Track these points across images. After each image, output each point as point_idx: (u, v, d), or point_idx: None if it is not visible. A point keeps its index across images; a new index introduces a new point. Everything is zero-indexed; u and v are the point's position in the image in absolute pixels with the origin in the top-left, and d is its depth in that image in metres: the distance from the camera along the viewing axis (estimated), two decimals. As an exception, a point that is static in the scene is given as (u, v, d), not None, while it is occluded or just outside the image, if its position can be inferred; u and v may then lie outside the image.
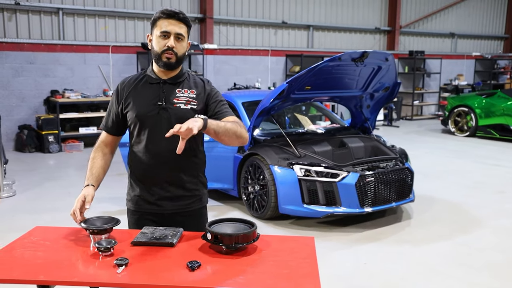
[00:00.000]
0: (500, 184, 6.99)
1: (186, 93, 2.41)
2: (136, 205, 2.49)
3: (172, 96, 2.39)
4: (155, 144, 2.38)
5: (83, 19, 9.73)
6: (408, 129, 12.51)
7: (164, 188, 2.42)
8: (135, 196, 2.49)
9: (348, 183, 4.96)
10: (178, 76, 2.44)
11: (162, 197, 2.43)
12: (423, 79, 14.88)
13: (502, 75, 16.86)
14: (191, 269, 1.89)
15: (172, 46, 2.31)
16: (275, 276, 1.88)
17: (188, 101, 2.39)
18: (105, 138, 2.54)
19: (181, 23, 2.33)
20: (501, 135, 10.61)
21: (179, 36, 2.32)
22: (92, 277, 1.86)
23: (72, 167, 7.84)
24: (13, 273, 1.88)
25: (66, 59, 9.45)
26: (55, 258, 2.03)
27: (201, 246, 2.14)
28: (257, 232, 2.15)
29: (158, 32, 2.31)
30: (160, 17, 2.32)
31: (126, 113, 2.43)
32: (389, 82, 5.86)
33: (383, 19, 14.33)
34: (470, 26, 16.42)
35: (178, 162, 2.37)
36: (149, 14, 10.39)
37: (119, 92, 2.47)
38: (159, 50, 2.32)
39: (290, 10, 12.49)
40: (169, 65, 2.35)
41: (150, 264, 1.96)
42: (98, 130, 9.43)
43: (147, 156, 2.40)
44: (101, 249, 2.03)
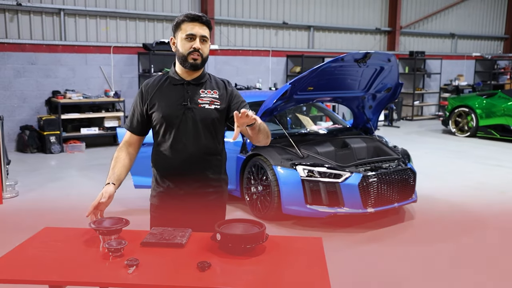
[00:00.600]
0: (501, 184, 7.01)
1: (209, 94, 2.51)
2: (161, 201, 2.57)
3: (196, 96, 2.49)
4: (181, 143, 2.47)
5: (84, 20, 9.74)
6: (408, 129, 12.53)
7: (189, 185, 2.50)
8: (160, 192, 2.57)
9: (351, 183, 4.98)
10: (200, 77, 2.54)
11: (187, 193, 2.51)
12: (423, 80, 14.90)
13: (502, 75, 16.88)
14: (202, 269, 1.91)
15: (199, 47, 2.41)
16: (286, 277, 1.90)
17: (212, 101, 2.50)
18: (129, 138, 2.61)
19: (204, 26, 2.44)
20: (502, 136, 10.63)
21: (203, 38, 2.43)
22: (103, 278, 1.87)
23: (74, 168, 7.85)
24: (26, 273, 1.90)
25: (67, 59, 9.46)
26: (66, 259, 2.04)
27: (210, 247, 2.15)
28: (266, 233, 2.16)
29: (184, 35, 2.42)
30: (184, 21, 2.43)
31: (151, 114, 2.52)
32: (391, 82, 5.87)
33: (384, 20, 14.35)
34: (470, 26, 16.45)
35: (203, 159, 2.50)
36: (150, 15, 10.41)
37: (143, 93, 2.55)
38: (185, 52, 2.43)
39: (290, 11, 12.50)
40: (196, 66, 2.45)
41: (161, 264, 1.98)
42: (100, 130, 9.45)
43: (173, 154, 2.49)
44: (111, 249, 2.04)
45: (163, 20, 10.66)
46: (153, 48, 9.75)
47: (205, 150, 2.50)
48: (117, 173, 2.49)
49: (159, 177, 2.56)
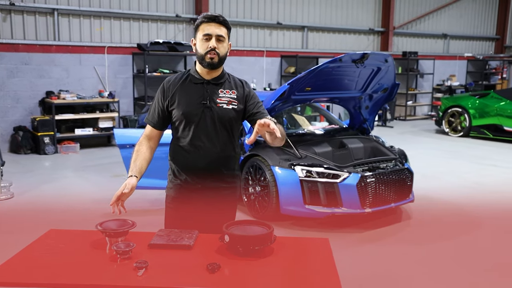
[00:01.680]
0: (497, 184, 7.06)
1: (227, 94, 2.60)
2: (178, 192, 2.65)
3: (215, 96, 2.57)
4: (199, 140, 2.56)
5: (78, 20, 9.68)
6: (402, 129, 12.59)
7: (205, 180, 2.58)
8: (177, 185, 2.65)
9: (349, 183, 4.99)
10: (220, 77, 2.62)
11: (202, 187, 2.60)
12: (416, 80, 14.98)
13: (494, 75, 17.03)
14: (212, 271, 1.91)
15: (214, 46, 2.48)
16: (296, 278, 1.90)
17: (230, 101, 2.58)
18: (150, 132, 2.68)
19: (221, 26, 2.51)
20: (495, 135, 10.71)
21: (219, 38, 2.50)
22: (113, 280, 1.86)
23: (68, 169, 7.80)
24: (35, 276, 1.88)
25: (61, 60, 9.40)
26: (74, 261, 2.03)
27: (218, 248, 2.15)
28: (274, 234, 2.16)
29: (201, 35, 2.51)
30: (202, 22, 2.52)
31: (172, 110, 2.60)
32: (388, 83, 5.89)
33: (377, 20, 14.40)
34: (462, 27, 16.56)
35: (219, 156, 2.59)
36: (144, 15, 10.37)
37: (165, 89, 2.63)
38: (202, 52, 2.51)
39: (285, 11, 12.51)
40: (213, 64, 2.52)
41: (170, 266, 1.97)
42: (94, 131, 9.38)
43: (191, 150, 2.58)
44: (119, 252, 2.03)
45: (157, 20, 10.62)
46: (148, 48, 9.71)
47: (222, 147, 2.59)
48: (138, 166, 2.55)
49: (177, 170, 2.65)
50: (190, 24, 11.07)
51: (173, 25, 10.85)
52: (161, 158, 5.56)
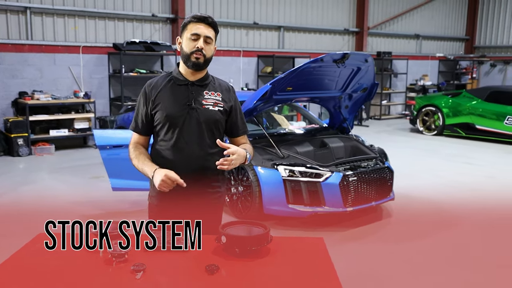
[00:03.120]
0: (472, 182, 7.22)
1: (213, 96, 2.56)
2: (161, 200, 2.55)
3: (200, 97, 2.53)
4: (184, 143, 2.50)
5: (51, 19, 9.48)
6: (377, 128, 12.75)
7: (190, 184, 2.45)
8: (159, 193, 2.53)
9: (332, 182, 5.03)
10: (204, 78, 2.58)
11: (187, 193, 2.47)
12: (390, 80, 15.21)
13: (464, 75, 17.41)
14: (211, 272, 1.89)
15: (201, 47, 2.44)
16: (296, 277, 1.90)
17: (216, 103, 2.55)
18: (137, 139, 2.62)
19: (209, 27, 2.48)
20: (467, 134, 10.95)
21: (207, 39, 2.47)
22: (112, 284, 1.83)
23: (44, 171, 7.64)
24: (30, 283, 1.83)
25: (34, 59, 9.19)
26: (69, 266, 1.98)
27: (214, 249, 2.14)
28: (270, 234, 2.16)
29: (188, 34, 2.46)
30: (191, 21, 2.47)
31: (155, 113, 2.53)
32: (367, 83, 5.96)
33: (352, 21, 14.56)
34: (434, 28, 16.89)
35: (204, 159, 2.52)
36: (120, 14, 10.23)
37: (147, 93, 2.56)
38: (188, 51, 2.46)
39: (261, 11, 12.53)
40: (198, 65, 2.48)
41: (168, 268, 1.95)
42: (70, 132, 9.21)
43: (175, 153, 2.50)
44: (115, 255, 1.99)
45: (133, 19, 10.50)
46: (124, 48, 9.58)
47: (207, 150, 2.53)
48: (150, 161, 2.52)
49: None
50: (167, 24, 10.98)
51: (149, 25, 10.74)
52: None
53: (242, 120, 2.70)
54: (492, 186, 7.06)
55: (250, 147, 2.66)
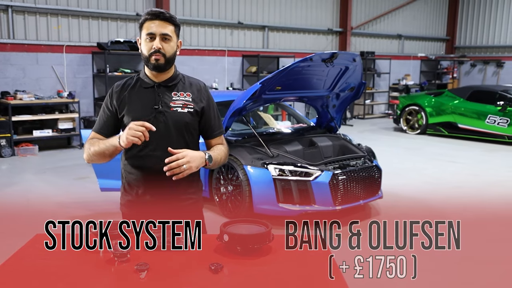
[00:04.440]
0: (456, 180, 7.34)
1: (182, 97, 2.41)
2: (131, 209, 2.47)
3: (168, 99, 2.40)
4: (152, 149, 2.36)
5: (34, 18, 9.35)
6: (361, 127, 12.85)
7: (161, 192, 2.38)
8: (129, 201, 2.47)
9: (322, 181, 5.06)
10: (172, 79, 2.44)
11: (158, 200, 2.39)
12: (373, 79, 15.35)
13: (445, 75, 17.68)
14: (215, 271, 1.89)
15: (158, 47, 2.30)
16: (301, 275, 1.90)
17: (185, 105, 2.40)
18: (96, 137, 2.45)
19: (166, 23, 2.31)
20: (450, 132, 11.12)
21: (165, 37, 2.31)
22: (117, 284, 1.81)
23: (28, 172, 7.52)
24: (33, 284, 1.80)
25: (17, 59, 9.04)
26: (70, 267, 1.96)
27: (216, 247, 2.13)
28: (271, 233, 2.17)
29: (145, 34, 2.31)
30: (146, 19, 2.32)
31: (121, 117, 2.41)
32: (354, 82, 6.01)
33: (335, 21, 14.65)
34: (415, 28, 17.09)
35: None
36: (104, 13, 10.13)
37: (112, 95, 2.44)
38: (146, 53, 2.32)
39: (245, 11, 12.53)
40: (158, 66, 2.34)
41: (171, 267, 1.94)
42: (53, 132, 9.09)
43: (143, 159, 2.39)
44: (117, 254, 1.98)
45: (117, 18, 10.40)
46: (108, 48, 9.49)
47: None
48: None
49: (127, 183, 2.46)
50: (151, 23, 10.89)
51: (133, 24, 10.65)
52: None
53: (218, 121, 2.55)
54: (476, 183, 7.19)
55: (223, 148, 2.54)
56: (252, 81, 11.87)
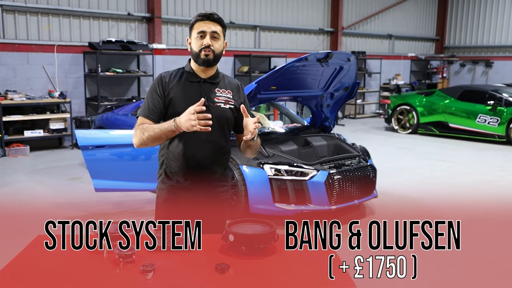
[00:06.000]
0: (449, 178, 7.39)
1: (224, 93, 2.58)
2: (170, 193, 2.59)
3: (212, 95, 2.55)
4: (195, 140, 2.50)
5: (24, 17, 9.26)
6: (353, 127, 12.90)
7: (199, 180, 2.54)
8: (170, 186, 2.59)
9: (317, 181, 5.07)
10: (215, 76, 2.60)
11: (195, 188, 2.55)
12: (364, 79, 15.42)
13: (435, 75, 17.82)
14: (221, 271, 1.88)
15: (209, 43, 2.47)
16: (307, 275, 1.91)
17: (227, 101, 2.57)
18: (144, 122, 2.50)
19: (215, 23, 2.50)
20: (441, 132, 11.20)
21: (214, 35, 2.48)
22: (123, 285, 1.80)
23: (20, 173, 7.45)
24: (38, 285, 1.79)
25: (7, 58, 8.95)
26: (75, 268, 1.94)
27: (221, 247, 2.13)
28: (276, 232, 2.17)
29: (195, 33, 2.51)
30: (197, 20, 2.51)
31: (168, 106, 2.52)
32: (349, 81, 6.03)
33: (327, 21, 14.69)
34: (406, 28, 17.19)
35: (213, 156, 2.56)
36: (95, 13, 10.06)
37: (163, 82, 2.53)
38: (197, 49, 2.49)
39: (237, 10, 12.52)
40: (208, 61, 2.49)
41: (177, 268, 1.93)
42: (45, 133, 9.01)
43: (186, 150, 2.53)
44: (122, 255, 1.96)
45: (109, 18, 10.34)
46: (100, 47, 9.43)
47: (217, 147, 2.56)
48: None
49: (170, 171, 2.59)
50: (142, 23, 10.86)
51: (125, 24, 10.59)
52: (127, 160, 5.45)
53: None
54: (467, 182, 7.24)
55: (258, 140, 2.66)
56: (244, 80, 11.85)
